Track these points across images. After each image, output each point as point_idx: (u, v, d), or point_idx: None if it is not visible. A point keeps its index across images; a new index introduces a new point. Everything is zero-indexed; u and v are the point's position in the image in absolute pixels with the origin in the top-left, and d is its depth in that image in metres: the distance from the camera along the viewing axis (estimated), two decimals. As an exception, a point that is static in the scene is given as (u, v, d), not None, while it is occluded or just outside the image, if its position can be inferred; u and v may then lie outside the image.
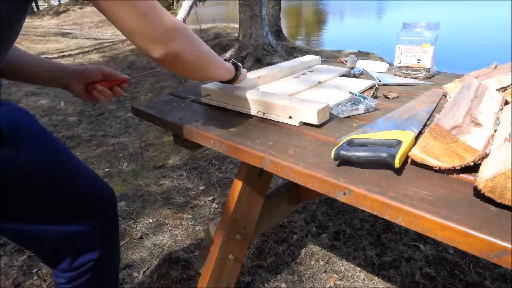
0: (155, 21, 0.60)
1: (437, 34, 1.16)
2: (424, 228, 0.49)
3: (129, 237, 1.76)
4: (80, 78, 0.84)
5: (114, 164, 2.50)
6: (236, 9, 5.68)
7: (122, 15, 0.58)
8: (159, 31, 0.61)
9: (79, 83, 0.84)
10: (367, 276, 1.47)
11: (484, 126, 0.64)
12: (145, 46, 0.62)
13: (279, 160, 0.67)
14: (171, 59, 0.64)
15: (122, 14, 0.58)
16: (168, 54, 0.63)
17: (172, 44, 0.63)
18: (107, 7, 0.58)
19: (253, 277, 1.49)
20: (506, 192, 0.47)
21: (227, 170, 2.36)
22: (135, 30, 0.60)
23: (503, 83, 0.88)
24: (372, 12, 19.63)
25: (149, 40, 0.61)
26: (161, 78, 4.75)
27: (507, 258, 0.43)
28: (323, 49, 7.15)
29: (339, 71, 1.26)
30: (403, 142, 0.62)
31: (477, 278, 1.44)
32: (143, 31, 0.60)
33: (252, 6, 5.25)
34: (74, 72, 0.84)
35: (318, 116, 0.78)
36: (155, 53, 0.62)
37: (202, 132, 0.83)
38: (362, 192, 0.55)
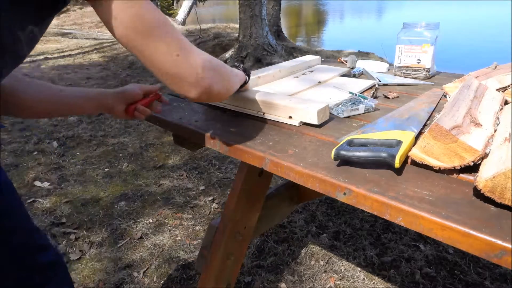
0: (188, 61, 0.60)
1: (437, 34, 1.16)
2: (424, 228, 0.49)
3: (129, 237, 1.76)
4: (123, 99, 0.84)
5: (114, 164, 2.50)
6: (236, 9, 5.69)
7: (157, 56, 0.57)
8: (193, 72, 0.60)
9: (121, 104, 0.84)
10: (367, 276, 1.48)
11: (484, 126, 0.64)
12: (180, 88, 0.61)
13: (279, 160, 0.66)
14: (206, 97, 0.64)
15: (157, 55, 0.57)
16: (203, 93, 0.63)
17: (205, 83, 0.62)
18: (142, 49, 0.56)
19: (253, 277, 1.49)
20: (506, 192, 0.47)
21: (227, 170, 2.36)
22: (168, 72, 0.59)
23: (503, 83, 0.88)
24: (372, 12, 19.62)
25: (183, 82, 0.60)
26: (161, 78, 4.75)
27: (507, 258, 0.43)
28: (323, 49, 7.15)
29: (339, 71, 1.26)
30: (403, 142, 0.62)
31: (477, 278, 1.44)
32: (177, 72, 0.59)
33: (252, 6, 5.25)
34: (116, 95, 0.84)
35: (318, 116, 0.78)
36: (191, 93, 0.62)
37: (202, 132, 0.83)
38: (362, 192, 0.55)
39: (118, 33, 0.55)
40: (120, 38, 0.56)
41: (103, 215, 1.94)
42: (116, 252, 1.67)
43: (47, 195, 2.13)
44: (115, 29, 0.55)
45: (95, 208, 2.01)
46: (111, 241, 1.74)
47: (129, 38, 0.55)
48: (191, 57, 0.60)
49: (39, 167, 2.48)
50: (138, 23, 0.55)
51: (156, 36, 0.56)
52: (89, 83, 4.69)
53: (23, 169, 2.46)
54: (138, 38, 0.55)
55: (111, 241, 1.74)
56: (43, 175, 2.37)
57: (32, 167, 2.48)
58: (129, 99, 0.85)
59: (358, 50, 6.47)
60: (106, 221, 1.89)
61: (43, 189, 2.20)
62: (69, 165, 2.52)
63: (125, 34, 0.55)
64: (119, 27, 0.54)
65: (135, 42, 0.56)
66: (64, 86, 0.83)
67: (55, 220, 1.90)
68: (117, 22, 0.54)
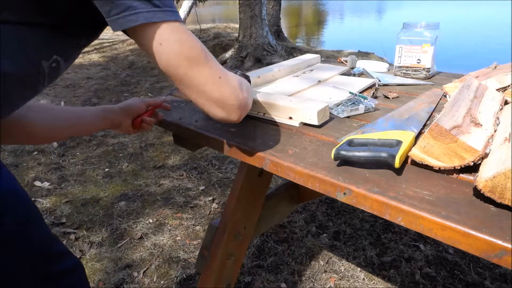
0: (229, 83, 0.59)
1: (437, 34, 1.16)
2: (424, 228, 0.49)
3: (129, 237, 1.76)
4: (129, 114, 0.85)
5: (114, 164, 2.51)
6: (236, 9, 5.68)
7: (202, 80, 0.57)
8: (234, 94, 0.60)
9: (128, 119, 0.86)
10: (367, 276, 1.48)
11: (484, 126, 0.64)
12: (223, 112, 0.60)
13: (279, 160, 0.66)
14: (242, 116, 0.64)
15: (201, 79, 0.57)
16: (243, 112, 0.63)
17: (245, 102, 0.62)
18: (186, 74, 0.56)
19: (253, 277, 1.49)
20: (506, 192, 0.47)
21: (227, 170, 2.36)
22: (213, 96, 0.58)
23: (503, 83, 0.88)
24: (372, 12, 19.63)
25: (227, 105, 0.60)
26: (161, 78, 4.75)
27: (507, 258, 0.43)
28: (323, 49, 7.15)
29: (339, 69, 1.26)
30: (403, 142, 0.62)
31: (477, 278, 1.44)
32: (221, 96, 0.58)
33: (252, 6, 5.25)
34: (123, 110, 0.85)
35: (318, 116, 0.78)
36: (235, 116, 0.62)
37: (202, 132, 0.83)
38: (362, 192, 0.55)
39: (163, 59, 0.54)
40: (166, 65, 0.55)
41: (103, 215, 1.94)
42: (116, 252, 1.67)
43: (47, 195, 2.14)
44: (160, 55, 0.54)
45: (95, 208, 2.01)
46: (111, 241, 1.74)
47: (175, 63, 0.55)
48: (229, 79, 0.60)
49: (39, 167, 2.48)
50: (183, 48, 0.55)
51: (199, 60, 0.56)
52: (89, 83, 4.69)
53: (23, 169, 2.46)
54: (184, 63, 0.55)
55: (111, 241, 1.74)
56: (43, 175, 2.37)
57: (32, 167, 2.48)
58: (134, 113, 0.86)
59: (358, 50, 6.47)
60: (106, 221, 1.89)
61: (43, 189, 2.21)
62: (69, 165, 2.52)
63: (171, 59, 0.54)
64: (165, 53, 0.54)
65: (180, 67, 0.55)
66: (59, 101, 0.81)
67: (55, 220, 1.90)
68: (162, 48, 0.53)
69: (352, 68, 1.35)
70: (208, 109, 0.60)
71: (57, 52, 0.57)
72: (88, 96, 4.12)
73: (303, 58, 1.35)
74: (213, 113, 0.61)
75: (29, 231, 0.64)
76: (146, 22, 0.51)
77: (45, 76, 0.58)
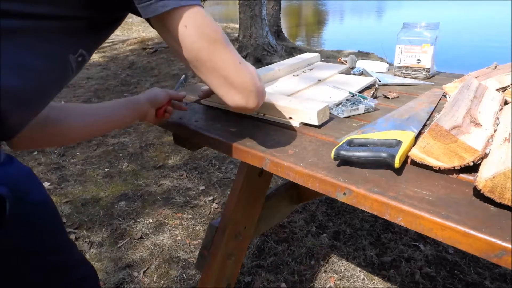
0: (247, 69, 0.60)
1: (437, 34, 1.16)
2: (424, 228, 0.49)
3: (129, 237, 1.76)
4: (154, 104, 0.87)
5: (114, 164, 2.51)
6: (236, 9, 5.68)
7: (224, 64, 0.58)
8: (253, 80, 0.61)
9: (153, 109, 0.87)
10: (367, 276, 1.48)
11: (483, 126, 0.64)
12: (243, 98, 0.61)
13: (279, 160, 0.67)
14: (259, 104, 0.64)
15: (224, 63, 0.58)
16: (261, 99, 0.64)
17: (262, 88, 0.63)
18: (210, 57, 0.57)
19: (253, 277, 1.49)
20: (506, 192, 0.47)
21: (227, 170, 2.36)
22: (234, 81, 0.59)
23: (503, 83, 0.88)
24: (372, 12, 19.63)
25: (247, 91, 0.60)
26: (161, 78, 4.75)
27: (507, 258, 0.43)
28: (323, 49, 7.15)
29: (338, 68, 1.26)
30: (403, 142, 0.62)
31: (477, 278, 1.44)
32: (242, 81, 0.59)
33: (252, 6, 5.24)
34: (150, 101, 0.86)
35: (318, 116, 0.78)
36: (253, 102, 0.62)
37: (202, 132, 0.83)
38: (362, 192, 0.55)
39: (188, 42, 0.55)
40: (190, 48, 0.56)
41: (103, 215, 1.94)
42: (116, 252, 1.67)
43: (47, 195, 2.13)
44: (185, 38, 0.55)
45: (95, 208, 2.01)
46: (111, 241, 1.74)
47: (199, 46, 0.56)
48: (248, 65, 0.61)
49: (39, 167, 2.48)
50: (207, 31, 0.56)
51: (222, 43, 0.58)
52: (89, 83, 4.69)
53: (23, 169, 2.45)
54: (207, 46, 0.56)
55: (111, 241, 1.74)
56: (43, 175, 2.37)
57: (32, 167, 2.48)
58: (159, 104, 0.87)
59: (358, 50, 6.47)
60: (106, 221, 1.89)
61: (43, 189, 2.20)
62: (69, 165, 2.52)
63: (195, 41, 0.56)
64: (189, 35, 0.55)
65: (203, 50, 0.56)
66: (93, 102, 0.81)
67: (55, 220, 1.90)
68: (187, 31, 0.55)
69: (352, 68, 1.35)
70: (227, 95, 0.61)
71: (82, 46, 0.58)
72: (88, 96, 4.12)
73: (303, 57, 1.35)
74: (232, 100, 0.61)
75: (56, 242, 0.64)
76: (176, 6, 0.53)
77: (73, 70, 0.59)
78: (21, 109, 0.53)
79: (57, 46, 0.54)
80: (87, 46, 0.60)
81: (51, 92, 0.58)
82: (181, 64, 5.34)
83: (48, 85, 0.56)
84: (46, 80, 0.55)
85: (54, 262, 0.63)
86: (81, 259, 0.73)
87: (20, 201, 0.51)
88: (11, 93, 0.50)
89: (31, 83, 0.52)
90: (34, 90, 0.54)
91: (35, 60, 0.52)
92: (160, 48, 6.28)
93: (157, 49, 6.28)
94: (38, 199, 0.56)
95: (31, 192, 0.55)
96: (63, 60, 0.56)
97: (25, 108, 0.54)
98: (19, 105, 0.52)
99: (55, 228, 0.63)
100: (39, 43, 0.52)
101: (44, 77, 0.54)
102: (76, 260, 0.70)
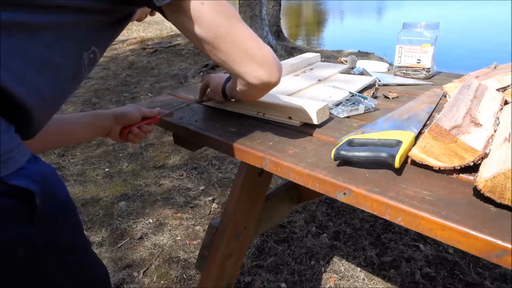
0: (263, 42, 0.61)
1: (437, 34, 1.16)
2: (424, 228, 0.49)
3: (129, 237, 1.76)
4: (121, 121, 0.82)
5: (114, 164, 2.51)
6: (236, 9, 5.68)
7: (244, 38, 0.59)
8: (271, 53, 0.61)
9: (118, 126, 0.82)
10: (367, 276, 1.48)
11: (484, 126, 0.64)
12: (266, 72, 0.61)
13: (279, 160, 0.67)
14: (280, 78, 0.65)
15: (244, 37, 0.59)
16: (280, 76, 0.64)
17: (279, 64, 0.64)
18: (229, 31, 0.58)
19: (253, 277, 1.49)
20: (506, 192, 0.47)
21: (227, 170, 2.36)
22: (256, 53, 0.60)
23: (503, 83, 0.88)
24: (372, 12, 19.62)
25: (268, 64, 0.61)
26: (161, 78, 4.75)
27: (507, 258, 0.43)
28: (323, 49, 7.14)
29: (338, 68, 1.27)
30: (403, 142, 0.62)
31: (477, 278, 1.44)
32: (263, 53, 0.60)
33: (252, 6, 5.24)
34: (115, 117, 0.82)
35: (318, 115, 0.78)
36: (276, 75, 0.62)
37: (202, 132, 0.83)
38: (362, 192, 0.55)
39: (206, 19, 0.57)
40: (208, 25, 0.57)
41: (103, 215, 1.94)
42: (116, 252, 1.67)
43: (47, 195, 2.13)
44: (202, 15, 0.56)
45: (95, 208, 2.01)
46: (111, 241, 1.74)
47: (217, 22, 0.57)
48: (261, 40, 0.62)
49: (39, 167, 2.48)
50: (222, 7, 0.58)
51: (237, 18, 0.59)
52: (89, 83, 4.69)
53: (23, 169, 2.45)
54: (225, 21, 0.58)
55: (111, 241, 1.74)
56: (43, 175, 2.37)
57: (32, 167, 2.47)
58: (126, 122, 0.83)
59: (358, 50, 6.47)
60: (106, 221, 1.89)
61: (43, 189, 2.20)
62: (69, 165, 2.52)
63: (213, 18, 0.57)
64: (207, 13, 0.56)
65: (222, 26, 0.57)
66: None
67: (55, 220, 1.90)
68: (204, 8, 0.56)
69: (352, 68, 1.35)
70: (250, 71, 0.61)
71: (95, 43, 0.58)
72: (88, 96, 4.12)
73: (304, 57, 1.36)
74: (254, 76, 0.61)
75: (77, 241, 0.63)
76: None
77: (85, 67, 0.59)
78: (45, 106, 0.54)
79: (74, 42, 0.54)
80: (99, 43, 0.60)
81: (69, 90, 0.59)
82: (181, 64, 5.35)
83: (65, 83, 0.56)
84: (64, 77, 0.55)
85: (74, 261, 0.63)
86: (96, 258, 0.73)
87: (49, 199, 0.51)
88: (37, 90, 0.51)
89: (52, 80, 0.53)
90: (54, 87, 0.54)
91: (55, 57, 0.52)
92: (160, 48, 6.28)
93: (157, 49, 6.28)
94: (63, 197, 0.56)
95: (58, 190, 0.55)
96: (77, 57, 0.56)
97: (48, 106, 0.55)
98: (44, 103, 0.53)
99: (77, 227, 0.63)
100: (59, 40, 0.52)
101: (63, 74, 0.55)
102: (92, 260, 0.70)
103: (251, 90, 0.66)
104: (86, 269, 0.66)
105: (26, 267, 0.52)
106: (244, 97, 0.74)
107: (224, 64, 0.62)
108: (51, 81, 0.53)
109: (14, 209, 0.48)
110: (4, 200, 0.46)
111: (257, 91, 0.67)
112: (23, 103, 0.49)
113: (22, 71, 0.48)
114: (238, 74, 0.62)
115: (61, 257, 0.58)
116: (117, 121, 0.82)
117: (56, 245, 0.56)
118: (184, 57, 5.72)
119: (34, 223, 0.49)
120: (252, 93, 0.68)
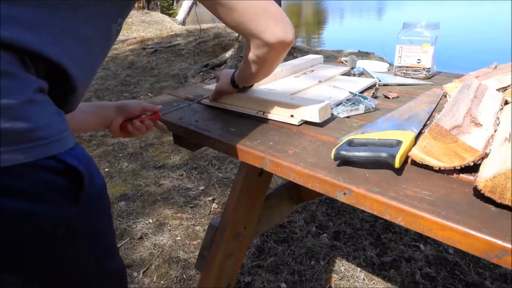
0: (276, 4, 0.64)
1: (437, 34, 1.16)
2: (424, 228, 0.49)
3: (129, 237, 1.76)
4: (122, 113, 0.82)
5: (114, 164, 2.50)
6: (236, 9, 5.67)
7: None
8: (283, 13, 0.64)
9: (118, 118, 0.82)
10: (367, 276, 1.47)
11: (484, 126, 0.64)
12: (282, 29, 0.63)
13: (279, 160, 0.66)
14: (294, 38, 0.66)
15: None
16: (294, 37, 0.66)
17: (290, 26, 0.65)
18: None
19: (253, 277, 1.49)
20: (506, 192, 0.47)
21: (227, 170, 2.36)
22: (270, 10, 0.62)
23: (503, 83, 0.88)
24: (372, 12, 19.61)
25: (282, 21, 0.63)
26: (161, 78, 4.75)
27: (507, 258, 0.43)
28: (323, 49, 7.14)
29: (339, 69, 1.26)
30: (403, 142, 0.62)
31: (477, 278, 1.44)
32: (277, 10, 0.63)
33: (252, 6, 5.24)
34: (117, 109, 0.82)
35: (320, 114, 0.78)
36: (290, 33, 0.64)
37: (202, 132, 0.83)
38: (362, 192, 0.55)
39: None
40: None
41: (103, 215, 1.94)
42: (116, 252, 1.67)
43: (47, 195, 2.13)
44: None
45: (95, 208, 2.01)
46: (111, 241, 1.74)
47: None
48: None
49: (39, 167, 2.48)
50: None
51: None
52: (89, 83, 4.69)
53: (23, 169, 2.45)
54: None
55: (111, 241, 1.74)
56: (43, 175, 2.36)
57: (32, 167, 2.47)
58: (127, 114, 0.83)
59: (358, 50, 6.46)
60: (106, 221, 1.89)
61: (43, 189, 2.20)
62: (69, 165, 2.52)
63: None
64: None
65: None
66: None
67: (55, 220, 1.90)
68: None
69: (352, 68, 1.35)
70: (267, 28, 0.63)
71: (121, 15, 0.60)
72: (88, 96, 4.12)
73: (306, 58, 1.36)
74: (272, 33, 0.63)
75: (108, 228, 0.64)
76: None
77: (113, 38, 0.61)
78: (85, 78, 0.57)
79: (106, 17, 0.57)
80: (124, 14, 0.62)
81: (100, 61, 0.61)
82: (181, 64, 5.35)
83: (98, 54, 0.59)
84: (98, 49, 0.58)
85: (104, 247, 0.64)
86: (118, 251, 0.73)
87: (91, 182, 0.53)
88: (79, 62, 0.53)
89: (89, 53, 0.56)
90: (91, 59, 0.57)
91: (92, 32, 0.55)
92: (160, 48, 6.28)
93: (157, 49, 6.28)
94: (101, 183, 0.57)
95: (96, 176, 0.56)
96: (108, 29, 0.58)
97: (88, 78, 0.58)
98: (84, 74, 0.55)
99: (109, 215, 0.64)
100: (95, 15, 0.55)
101: (97, 46, 0.57)
102: (117, 250, 0.71)
103: (267, 52, 0.67)
104: (111, 258, 0.67)
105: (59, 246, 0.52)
106: (259, 63, 0.73)
107: (240, 26, 0.64)
108: (88, 53, 0.56)
109: (64, 188, 0.49)
110: (56, 177, 0.48)
111: (272, 51, 0.67)
112: (71, 74, 0.51)
113: (70, 46, 0.51)
114: (254, 33, 0.64)
115: (93, 240, 0.59)
116: (118, 112, 0.82)
117: (92, 229, 0.57)
118: (184, 57, 5.72)
119: (78, 204, 0.51)
120: (269, 55, 0.69)
